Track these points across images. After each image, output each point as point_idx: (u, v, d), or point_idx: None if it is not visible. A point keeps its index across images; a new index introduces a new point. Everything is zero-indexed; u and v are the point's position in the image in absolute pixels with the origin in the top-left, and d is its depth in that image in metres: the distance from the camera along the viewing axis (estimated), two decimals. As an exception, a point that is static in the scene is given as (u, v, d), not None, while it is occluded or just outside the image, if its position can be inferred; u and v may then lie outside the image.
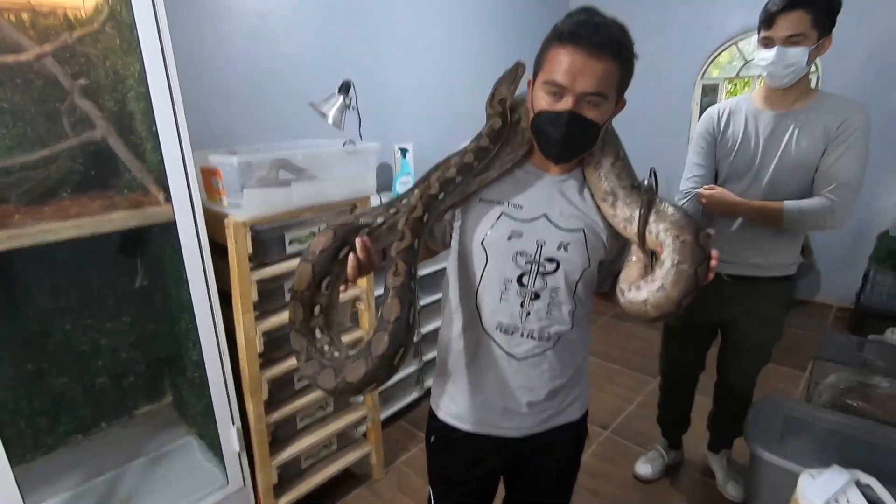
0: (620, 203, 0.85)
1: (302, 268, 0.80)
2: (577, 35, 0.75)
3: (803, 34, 1.24)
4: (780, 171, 1.37)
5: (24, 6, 1.41)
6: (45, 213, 1.26)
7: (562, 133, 0.78)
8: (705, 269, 0.78)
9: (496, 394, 0.93)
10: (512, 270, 0.87)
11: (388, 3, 2.55)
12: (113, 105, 1.42)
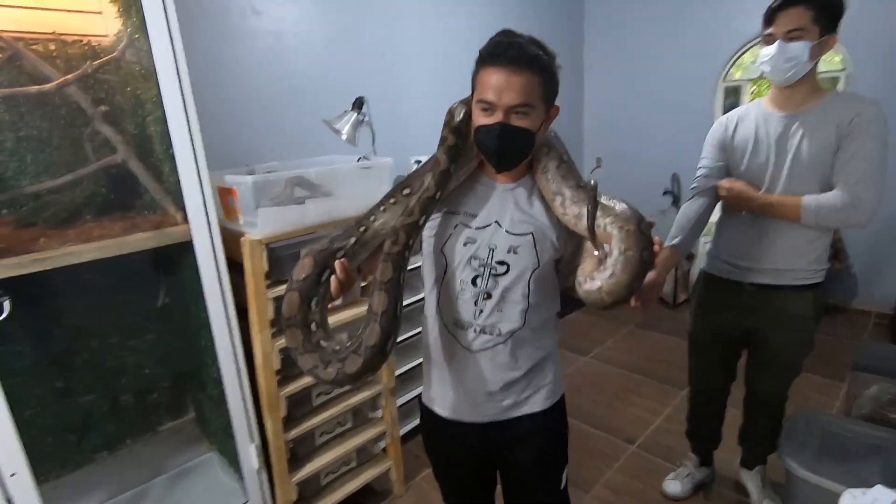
0: (569, 202, 0.93)
1: (290, 296, 0.89)
2: (494, 55, 0.86)
3: (804, 29, 1.25)
4: (794, 172, 1.35)
5: (51, 37, 1.47)
6: (69, 236, 1.29)
7: (495, 143, 0.88)
8: (650, 252, 0.85)
9: (458, 383, 1.04)
10: (468, 273, 0.98)
11: (399, 17, 2.58)
12: (133, 129, 1.45)
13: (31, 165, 1.41)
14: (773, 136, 1.37)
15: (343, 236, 0.94)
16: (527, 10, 3.32)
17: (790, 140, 1.35)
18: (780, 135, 1.36)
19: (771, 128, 1.38)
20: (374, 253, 0.97)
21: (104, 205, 1.46)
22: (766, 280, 1.46)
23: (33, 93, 1.27)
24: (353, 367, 0.83)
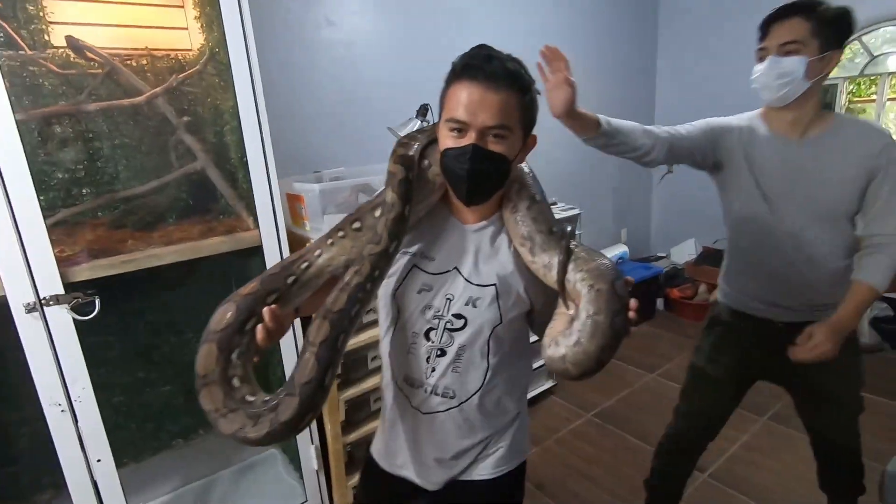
0: (538, 249, 0.81)
1: (205, 349, 0.74)
2: (470, 67, 0.74)
3: (800, 42, 1.11)
4: (805, 204, 1.20)
5: (143, 52, 1.59)
6: (153, 239, 1.38)
7: (467, 168, 0.74)
8: (623, 319, 0.71)
9: (405, 443, 0.93)
10: (420, 324, 0.86)
11: (462, 27, 2.57)
12: (211, 138, 1.54)
13: (124, 171, 1.53)
14: (778, 162, 1.21)
15: (278, 276, 0.80)
16: (597, 15, 3.20)
17: (801, 170, 1.19)
18: (787, 162, 1.20)
19: (775, 153, 1.22)
20: (319, 292, 0.84)
21: (184, 209, 1.55)
22: (801, 317, 1.25)
23: (126, 105, 1.36)
24: (289, 412, 0.69)
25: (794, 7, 1.12)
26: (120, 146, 1.50)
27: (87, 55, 1.43)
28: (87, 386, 1.14)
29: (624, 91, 3.47)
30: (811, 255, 1.22)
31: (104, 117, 1.44)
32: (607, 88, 3.34)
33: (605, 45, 3.27)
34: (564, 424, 2.33)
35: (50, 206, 1.36)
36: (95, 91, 1.46)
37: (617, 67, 3.39)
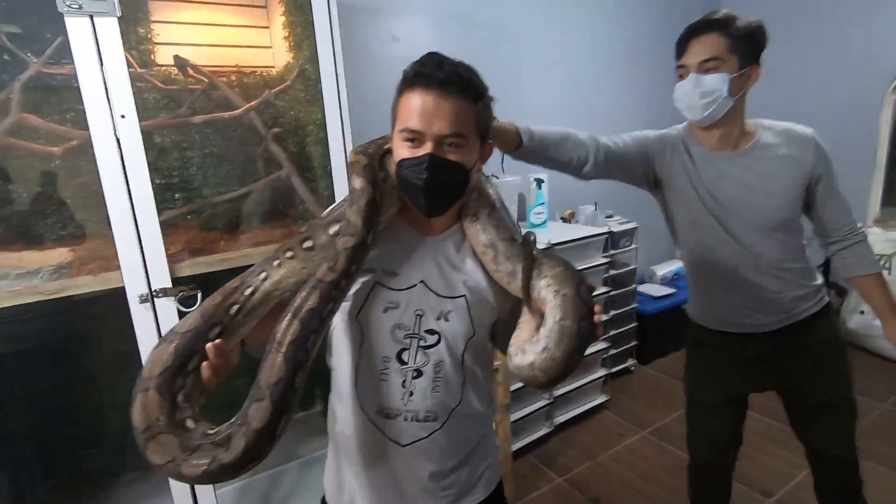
0: (502, 257, 0.79)
1: (143, 398, 0.65)
2: (420, 74, 0.72)
3: (720, 59, 1.10)
4: (753, 214, 1.19)
5: (234, 70, 1.73)
6: (241, 240, 1.49)
7: (424, 178, 0.72)
8: (589, 324, 0.70)
9: (386, 483, 0.83)
10: (390, 347, 0.79)
11: (523, 38, 2.63)
12: (293, 147, 1.65)
13: (216, 178, 1.66)
14: (717, 177, 1.19)
15: (220, 307, 0.72)
16: (656, 24, 3.19)
17: (740, 183, 1.18)
18: (725, 176, 1.19)
19: (712, 168, 1.20)
20: (266, 318, 0.76)
21: (266, 214, 1.66)
22: (780, 323, 1.24)
23: (226, 118, 1.49)
24: (261, 417, 0.62)
25: (710, 23, 1.10)
26: (212, 155, 1.63)
27: (189, 72, 1.58)
28: (185, 372, 1.25)
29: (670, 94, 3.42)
30: (767, 266, 1.20)
31: (202, 129, 1.58)
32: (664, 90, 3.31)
33: (663, 52, 3.25)
34: (618, 440, 2.29)
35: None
36: (192, 105, 1.61)
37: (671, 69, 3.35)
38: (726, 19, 1.10)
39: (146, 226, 1.16)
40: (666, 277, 3.26)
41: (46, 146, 1.36)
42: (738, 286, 1.23)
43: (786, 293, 1.22)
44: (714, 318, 1.31)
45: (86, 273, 1.20)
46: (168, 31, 1.61)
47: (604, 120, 2.98)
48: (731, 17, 1.10)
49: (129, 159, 1.12)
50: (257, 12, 1.83)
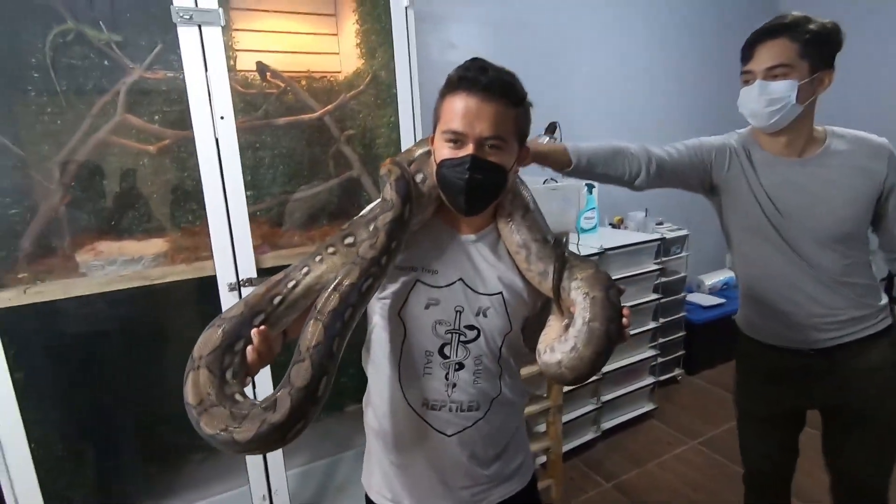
0: (534, 257, 0.82)
1: (192, 377, 0.69)
2: (465, 79, 0.74)
3: (788, 65, 1.05)
4: (817, 224, 1.14)
5: (305, 75, 1.82)
6: (312, 236, 1.57)
7: (466, 178, 0.75)
8: (617, 326, 0.73)
9: (431, 473, 0.87)
10: (432, 342, 0.83)
11: (578, 46, 2.66)
12: (360, 149, 1.73)
13: (284, 176, 1.76)
14: (781, 183, 1.15)
15: (264, 297, 0.75)
16: (712, 29, 3.15)
17: (805, 191, 1.13)
18: (790, 183, 1.14)
19: (776, 174, 1.15)
20: (306, 313, 0.76)
21: (333, 211, 1.75)
22: (833, 341, 1.18)
23: (306, 120, 1.58)
24: (280, 414, 0.63)
25: (778, 27, 1.05)
26: (287, 155, 1.72)
27: (267, 77, 1.67)
28: (265, 358, 1.32)
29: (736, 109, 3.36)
30: (825, 279, 1.15)
31: (277, 130, 1.68)
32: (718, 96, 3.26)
33: (722, 60, 3.21)
34: (668, 449, 2.27)
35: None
36: (267, 108, 1.70)
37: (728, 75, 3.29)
38: (796, 23, 1.05)
39: (237, 219, 1.25)
40: (714, 287, 3.20)
41: (143, 144, 1.48)
42: (793, 299, 1.18)
43: (843, 310, 1.16)
44: (763, 331, 1.26)
45: (180, 262, 1.30)
46: (246, 38, 1.72)
47: (657, 126, 2.97)
48: (801, 21, 1.05)
49: (225, 157, 1.21)
50: (327, 21, 1.92)
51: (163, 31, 1.40)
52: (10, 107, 1.35)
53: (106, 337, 1.52)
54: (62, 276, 1.21)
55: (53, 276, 1.21)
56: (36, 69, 1.36)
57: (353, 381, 2.10)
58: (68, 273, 1.23)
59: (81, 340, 1.45)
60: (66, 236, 1.36)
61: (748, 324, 1.30)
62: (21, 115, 1.36)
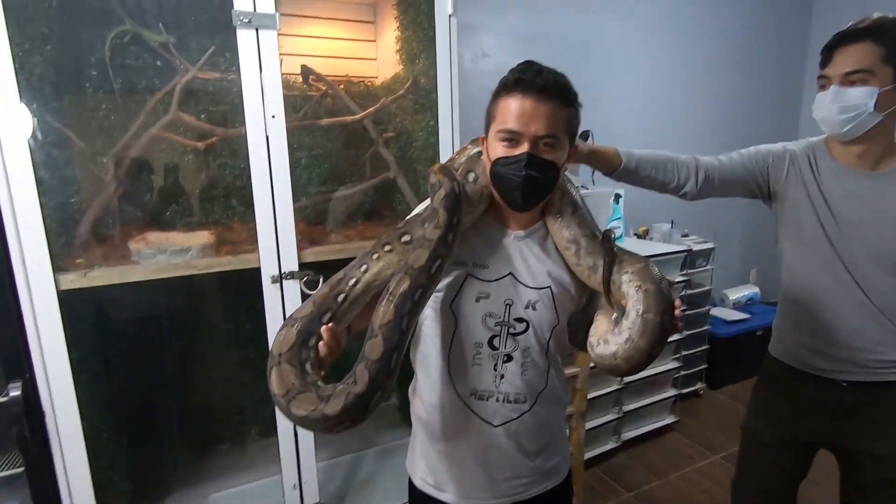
0: (583, 252, 0.84)
1: (276, 372, 0.74)
2: (522, 81, 0.77)
3: (869, 71, 0.98)
4: (876, 242, 1.05)
5: (344, 79, 1.88)
6: (349, 234, 1.62)
7: (522, 175, 0.78)
8: (671, 317, 0.76)
9: (475, 462, 0.89)
10: (482, 333, 0.86)
11: (608, 60, 2.69)
12: (396, 152, 1.77)
13: (318, 177, 1.81)
14: (844, 196, 1.08)
15: (329, 296, 0.80)
16: (743, 42, 3.15)
17: (870, 206, 1.06)
18: (854, 196, 1.07)
19: (840, 186, 1.09)
20: (368, 307, 0.82)
21: (368, 211, 1.79)
22: (872, 376, 1.09)
23: (348, 121, 1.63)
24: (361, 384, 0.69)
25: (863, 31, 0.99)
26: (327, 155, 1.78)
27: (310, 80, 1.74)
28: (302, 350, 1.37)
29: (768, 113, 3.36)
30: (878, 304, 1.07)
31: (316, 131, 1.73)
32: (749, 109, 3.26)
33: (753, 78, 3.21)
34: (689, 462, 2.25)
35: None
36: (307, 110, 1.76)
37: (761, 88, 3.29)
38: (882, 26, 0.99)
39: (282, 215, 1.29)
40: (739, 302, 3.17)
41: (192, 141, 1.55)
42: (839, 318, 1.10)
43: (887, 349, 1.07)
44: (795, 354, 1.18)
45: (225, 253, 1.35)
46: (289, 42, 1.79)
47: (690, 143, 2.97)
48: (888, 24, 0.98)
49: (274, 155, 1.26)
50: (366, 27, 1.99)
51: (215, 34, 1.47)
52: (72, 103, 1.42)
53: (152, 324, 1.58)
54: (115, 263, 1.27)
55: (108, 262, 1.27)
56: (95, 67, 1.44)
57: (377, 379, 2.14)
58: (121, 260, 1.29)
59: (129, 326, 1.51)
60: (118, 225, 1.42)
61: (780, 344, 1.23)
62: (79, 111, 1.44)
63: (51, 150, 1.25)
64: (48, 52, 1.23)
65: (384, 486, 1.75)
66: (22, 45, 1.14)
